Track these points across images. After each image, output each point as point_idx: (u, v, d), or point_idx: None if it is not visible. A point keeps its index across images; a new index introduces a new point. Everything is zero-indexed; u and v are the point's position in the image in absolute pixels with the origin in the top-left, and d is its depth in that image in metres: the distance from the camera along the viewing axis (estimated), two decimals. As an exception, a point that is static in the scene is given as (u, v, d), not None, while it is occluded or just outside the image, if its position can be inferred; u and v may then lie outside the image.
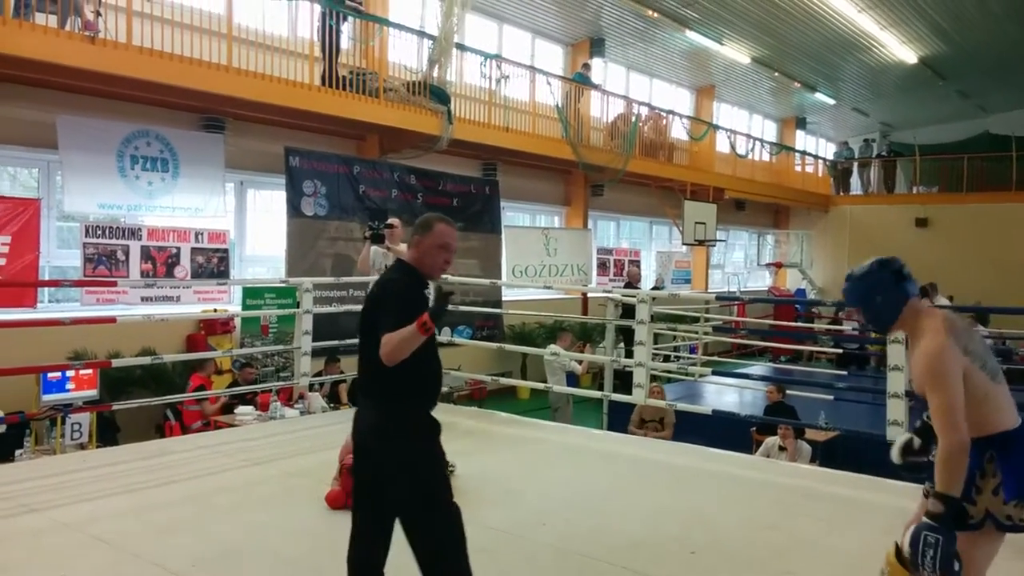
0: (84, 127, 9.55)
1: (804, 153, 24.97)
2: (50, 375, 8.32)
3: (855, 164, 25.30)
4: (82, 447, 8.12)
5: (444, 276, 7.47)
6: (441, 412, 3.31)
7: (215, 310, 10.59)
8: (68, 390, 8.52)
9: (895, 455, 3.20)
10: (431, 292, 3.33)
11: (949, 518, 2.72)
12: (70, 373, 8.52)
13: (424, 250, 3.37)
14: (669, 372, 11.87)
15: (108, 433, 8.86)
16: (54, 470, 5.48)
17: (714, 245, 19.50)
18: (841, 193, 25.05)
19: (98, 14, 8.46)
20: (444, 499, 3.09)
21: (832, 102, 24.03)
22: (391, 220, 7.76)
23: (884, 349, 6.16)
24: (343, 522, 4.59)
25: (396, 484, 3.05)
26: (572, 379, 11.18)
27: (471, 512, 4.63)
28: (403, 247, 7.74)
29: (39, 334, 8.15)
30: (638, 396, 7.25)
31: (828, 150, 27.90)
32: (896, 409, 5.86)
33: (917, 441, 3.12)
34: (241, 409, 8.89)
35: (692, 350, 14.71)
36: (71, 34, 8.23)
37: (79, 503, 4.78)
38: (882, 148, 25.79)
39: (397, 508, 3.07)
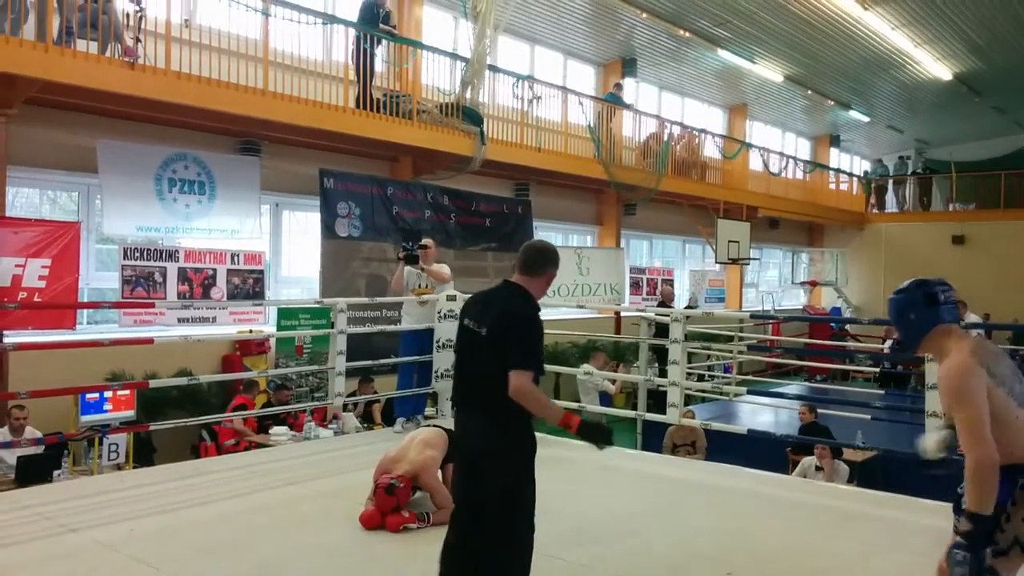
0: (123, 151, 9.72)
1: (838, 171, 24.76)
2: (88, 396, 8.45)
3: (890, 181, 25.04)
4: (119, 467, 8.21)
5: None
6: None
7: (250, 331, 10.69)
8: (106, 411, 8.64)
9: (930, 447, 3.16)
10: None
11: (980, 536, 2.69)
12: (108, 394, 8.64)
13: (548, 281, 3.56)
14: (703, 391, 11.76)
15: (145, 453, 8.96)
16: (92, 490, 5.52)
17: (748, 263, 19.34)
18: (876, 211, 24.79)
19: (138, 40, 8.64)
20: (531, 513, 3.33)
21: (866, 120, 23.84)
22: (425, 241, 7.81)
23: (923, 368, 6.05)
24: (377, 542, 4.61)
25: (503, 481, 3.26)
26: (605, 399, 11.13)
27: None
28: (436, 267, 7.82)
29: (78, 355, 8.29)
30: (672, 416, 7.20)
31: (862, 168, 27.64)
32: (934, 428, 5.76)
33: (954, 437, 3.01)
34: (276, 429, 8.94)
35: (726, 369, 14.57)
36: (111, 60, 8.41)
37: (117, 523, 4.81)
38: (917, 165, 25.52)
39: (490, 492, 3.27)
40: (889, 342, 15.50)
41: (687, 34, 16.40)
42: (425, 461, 4.99)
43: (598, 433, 3.40)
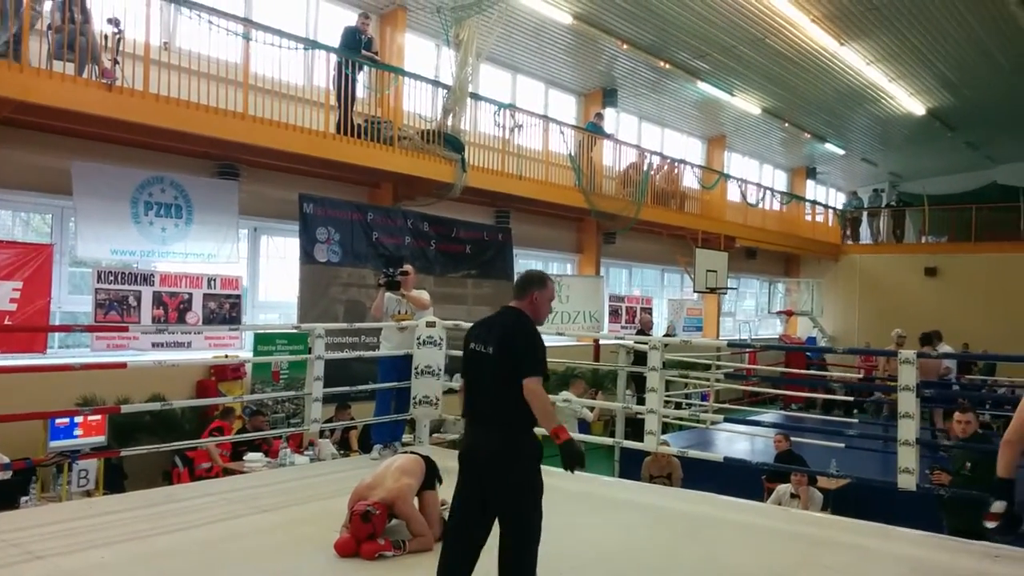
0: (99, 173, 9.66)
1: (814, 203, 25.04)
2: (58, 421, 8.29)
3: (864, 213, 25.35)
4: (88, 494, 8.06)
5: (456, 323, 7.62)
6: (452, 459, 3.38)
7: (226, 356, 10.59)
8: (76, 436, 8.48)
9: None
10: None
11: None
12: (78, 419, 8.49)
13: (542, 302, 4.04)
14: (681, 419, 11.77)
15: (115, 480, 8.81)
16: (60, 517, 5.43)
17: (725, 293, 19.46)
18: (851, 242, 25.07)
19: (115, 62, 8.61)
20: (539, 507, 3.77)
21: (841, 152, 24.19)
22: (406, 267, 7.80)
23: (895, 396, 6.09)
24: (351, 570, 4.54)
25: (515, 481, 3.69)
26: (584, 426, 11.10)
27: (480, 558, 4.58)
28: (416, 293, 7.80)
29: (48, 379, 8.17)
30: (650, 443, 7.18)
31: (838, 200, 27.97)
32: (907, 456, 5.79)
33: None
34: (250, 456, 8.83)
35: (704, 397, 14.61)
36: (88, 82, 8.37)
37: (85, 551, 4.73)
38: (891, 198, 25.86)
39: (506, 495, 3.69)
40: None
41: (667, 66, 16.59)
42: (401, 489, 4.95)
43: (575, 455, 3.85)
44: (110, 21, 8.66)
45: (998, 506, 3.89)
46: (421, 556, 4.73)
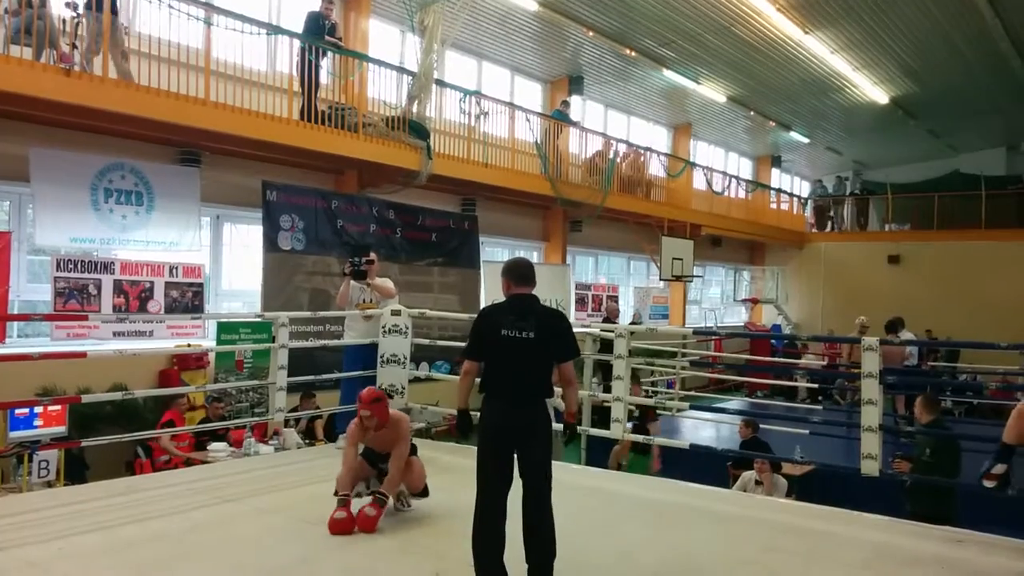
0: (57, 160, 9.47)
1: (779, 191, 25.26)
2: (17, 411, 8.13)
3: (829, 201, 25.63)
4: (50, 485, 7.93)
5: (422, 311, 7.75)
6: (422, 447, 3.38)
7: (189, 345, 10.47)
8: (36, 427, 8.34)
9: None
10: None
11: None
12: (38, 409, 8.33)
13: None
14: (646, 407, 11.83)
15: (77, 471, 8.68)
16: (21, 508, 5.34)
17: (691, 281, 19.59)
18: (815, 230, 25.34)
19: (74, 47, 8.45)
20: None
21: (806, 141, 24.44)
22: (371, 256, 7.73)
23: (858, 383, 6.17)
24: (319, 559, 4.52)
25: (543, 442, 4.18)
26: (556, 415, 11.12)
27: (449, 546, 4.59)
28: (381, 281, 7.75)
29: (6, 369, 7.97)
30: (616, 431, 7.22)
31: (803, 188, 28.25)
32: (870, 443, 5.87)
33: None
34: (214, 446, 8.76)
35: (669, 385, 14.72)
36: (46, 67, 8.20)
37: (47, 542, 4.65)
38: (855, 186, 26.16)
39: (537, 454, 4.15)
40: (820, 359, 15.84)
41: (633, 53, 16.62)
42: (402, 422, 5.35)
43: (575, 435, 4.54)
44: (68, 5, 8.49)
45: (999, 468, 4.42)
46: (425, 537, 4.73)
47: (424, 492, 5.34)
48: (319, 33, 11.03)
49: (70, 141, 9.63)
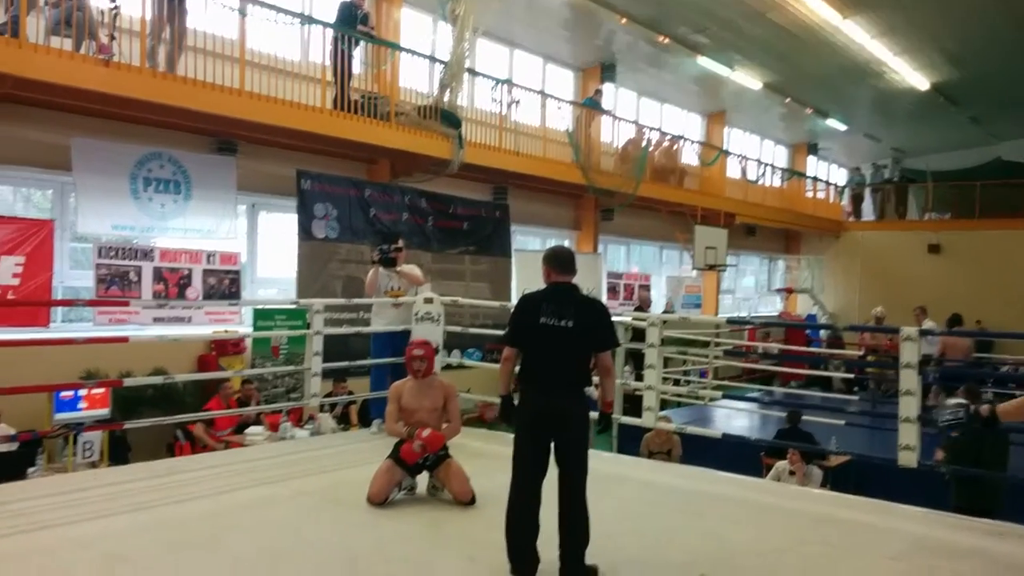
0: (98, 149, 9.65)
1: (815, 179, 24.96)
2: (63, 394, 8.38)
3: (867, 190, 25.27)
4: (93, 465, 8.15)
5: (454, 299, 7.89)
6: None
7: (226, 331, 10.63)
8: (80, 409, 8.57)
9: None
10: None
11: None
12: (82, 392, 8.57)
13: None
14: (679, 396, 11.82)
15: (119, 452, 8.89)
16: (66, 488, 5.46)
17: (724, 270, 19.45)
18: (852, 219, 25.01)
19: (112, 38, 8.58)
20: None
21: (844, 128, 24.05)
22: (400, 243, 7.78)
23: (894, 373, 6.11)
24: (354, 540, 4.59)
25: (579, 430, 4.22)
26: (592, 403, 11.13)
27: (482, 531, 4.64)
28: (408, 268, 7.79)
29: (52, 353, 8.20)
30: (648, 419, 7.23)
31: (840, 176, 27.88)
32: (908, 433, 5.81)
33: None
34: (251, 429, 8.90)
35: (702, 374, 14.65)
36: (86, 57, 8.34)
37: (92, 520, 4.77)
38: (894, 174, 25.76)
39: (573, 442, 4.18)
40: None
41: (666, 40, 16.48)
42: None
43: (609, 425, 4.56)
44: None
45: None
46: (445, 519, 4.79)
47: (472, 500, 5.27)
48: (352, 23, 11.09)
49: (110, 131, 9.80)
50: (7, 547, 4.28)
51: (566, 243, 17.23)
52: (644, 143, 16.54)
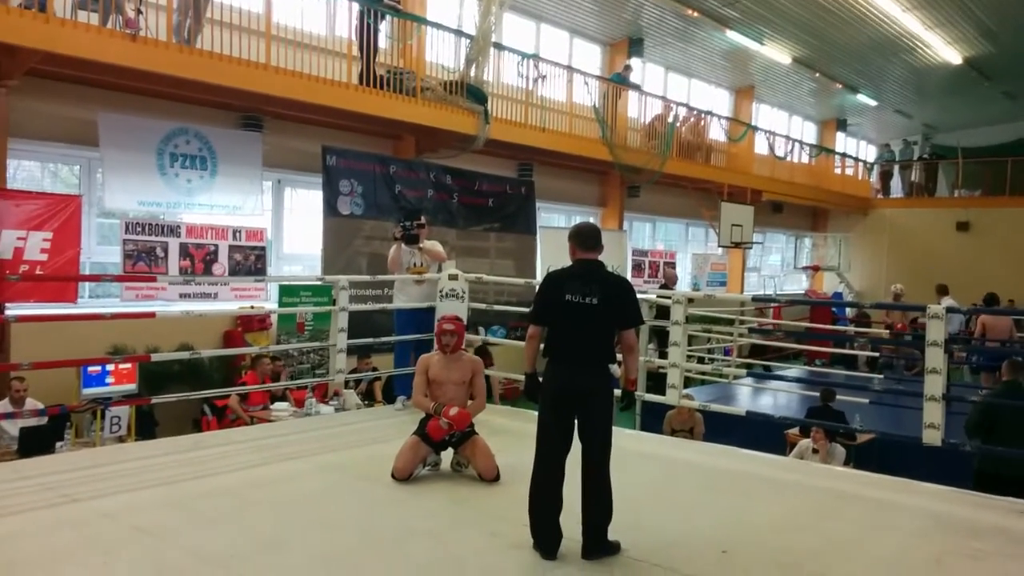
0: (124, 124, 9.69)
1: (844, 155, 24.65)
2: (90, 369, 8.49)
3: (896, 167, 24.92)
4: (121, 440, 8.27)
5: (479, 276, 7.93)
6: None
7: (252, 307, 10.71)
8: (108, 384, 8.68)
9: None
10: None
11: None
12: (110, 367, 8.68)
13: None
14: (703, 374, 11.77)
15: (146, 427, 9.01)
16: (94, 462, 5.54)
17: (750, 247, 19.31)
18: (881, 196, 24.70)
19: (139, 12, 8.59)
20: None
21: (874, 104, 23.70)
22: (422, 219, 7.77)
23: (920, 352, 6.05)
24: (376, 516, 4.63)
25: (603, 407, 4.22)
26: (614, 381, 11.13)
27: (505, 506, 4.66)
28: (430, 244, 7.79)
29: (80, 328, 8.32)
30: (672, 397, 7.21)
31: (869, 152, 27.52)
32: (933, 412, 5.76)
33: None
34: (277, 405, 8.99)
35: (727, 352, 14.58)
36: (112, 32, 8.36)
37: (119, 494, 4.84)
38: (924, 150, 25.38)
39: (597, 418, 4.20)
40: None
41: (695, 14, 16.28)
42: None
43: (632, 402, 4.81)
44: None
45: None
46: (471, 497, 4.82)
47: (497, 477, 5.29)
48: (378, -4, 11.04)
49: (137, 106, 9.84)
50: (36, 519, 4.36)
51: (591, 220, 17.17)
52: (671, 119, 16.39)
